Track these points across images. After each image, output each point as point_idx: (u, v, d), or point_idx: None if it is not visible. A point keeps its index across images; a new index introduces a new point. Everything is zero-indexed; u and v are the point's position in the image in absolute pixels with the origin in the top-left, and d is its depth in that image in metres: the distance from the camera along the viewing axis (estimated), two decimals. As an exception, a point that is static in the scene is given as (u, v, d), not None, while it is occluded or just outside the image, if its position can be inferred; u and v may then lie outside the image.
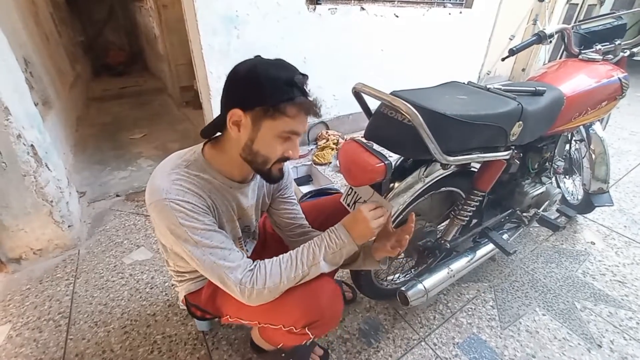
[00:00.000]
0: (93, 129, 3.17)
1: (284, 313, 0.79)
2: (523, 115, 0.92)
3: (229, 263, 0.72)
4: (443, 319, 1.31)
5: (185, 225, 0.68)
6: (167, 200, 0.67)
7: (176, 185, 0.70)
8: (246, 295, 0.72)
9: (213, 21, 1.98)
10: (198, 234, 0.69)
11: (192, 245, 0.70)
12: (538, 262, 1.60)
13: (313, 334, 0.80)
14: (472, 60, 3.70)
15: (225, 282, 0.72)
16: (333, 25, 2.47)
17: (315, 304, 0.78)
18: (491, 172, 1.04)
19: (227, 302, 0.89)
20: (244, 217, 0.90)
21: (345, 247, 0.78)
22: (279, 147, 0.71)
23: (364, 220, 0.78)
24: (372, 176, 0.79)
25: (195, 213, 0.70)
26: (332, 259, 0.78)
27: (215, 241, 0.72)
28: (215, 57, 2.06)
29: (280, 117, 0.66)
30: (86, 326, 1.26)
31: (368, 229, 0.78)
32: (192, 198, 0.70)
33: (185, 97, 3.64)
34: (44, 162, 1.48)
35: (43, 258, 1.56)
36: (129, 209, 1.99)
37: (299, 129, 0.70)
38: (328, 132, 2.77)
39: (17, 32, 2.03)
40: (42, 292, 1.40)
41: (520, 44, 1.25)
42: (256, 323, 0.86)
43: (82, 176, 2.33)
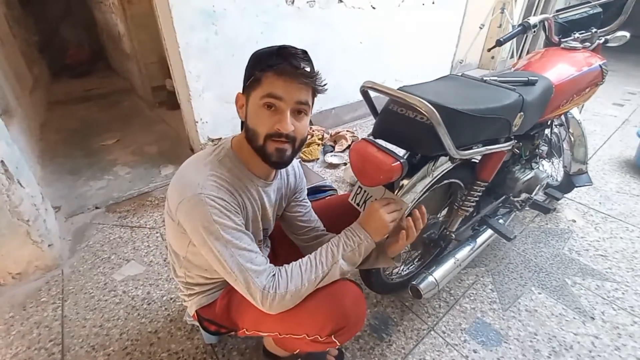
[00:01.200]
0: (59, 136, 2.94)
1: (307, 322, 0.77)
2: (524, 105, 0.95)
3: (255, 267, 0.70)
4: (448, 306, 1.35)
5: (218, 222, 0.66)
6: (202, 195, 0.65)
7: (210, 180, 0.68)
8: (268, 302, 0.70)
9: (189, 17, 1.88)
10: (229, 233, 0.68)
11: (222, 245, 0.67)
12: (528, 243, 1.68)
13: (339, 341, 0.78)
14: (445, 49, 3.78)
15: (249, 286, 0.69)
16: (312, 19, 2.42)
17: (339, 309, 0.76)
18: (493, 163, 1.07)
19: (244, 314, 0.86)
20: (265, 218, 0.88)
21: (363, 244, 0.78)
22: (264, 118, 0.68)
23: (379, 216, 0.78)
24: (388, 175, 0.79)
25: (228, 211, 0.68)
26: (351, 257, 0.78)
27: (244, 242, 0.70)
28: (194, 54, 1.96)
29: (259, 84, 0.66)
30: (83, 352, 1.18)
31: (383, 223, 0.78)
32: (225, 195, 0.69)
33: (158, 97, 3.46)
34: (16, 179, 1.35)
35: (23, 282, 1.44)
36: (111, 222, 1.87)
37: (277, 92, 0.65)
38: (312, 128, 2.74)
39: (-35, 34, 1.83)
40: (28, 319, 1.29)
41: (507, 35, 1.28)
42: (277, 334, 0.83)
43: (54, 188, 2.16)
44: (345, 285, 0.80)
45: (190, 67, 1.99)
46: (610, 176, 2.27)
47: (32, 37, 3.79)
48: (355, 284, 0.83)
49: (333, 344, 0.79)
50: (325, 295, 0.76)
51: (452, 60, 4.02)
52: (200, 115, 2.14)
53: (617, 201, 1.99)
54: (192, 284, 0.90)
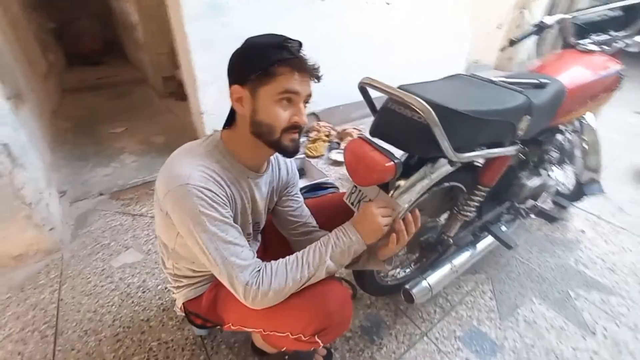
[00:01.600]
0: (70, 123, 3.00)
1: (292, 320, 0.76)
2: (531, 108, 0.90)
3: (240, 261, 0.69)
4: (443, 312, 1.31)
5: (204, 214, 0.65)
6: (189, 186, 0.64)
7: (198, 171, 0.67)
8: (250, 297, 0.69)
9: (197, 8, 1.87)
10: (215, 225, 0.66)
11: (207, 237, 0.66)
12: (532, 252, 1.62)
13: (322, 342, 0.77)
14: (458, 50, 3.69)
15: (232, 281, 0.68)
16: (323, 12, 2.39)
17: (324, 310, 0.75)
18: (497, 168, 1.03)
19: (230, 310, 0.86)
20: (256, 211, 0.86)
21: (354, 246, 0.76)
22: (281, 113, 0.68)
23: (373, 219, 0.76)
24: (381, 176, 0.76)
25: (215, 202, 0.67)
26: (340, 258, 0.75)
27: (230, 236, 0.68)
28: (201, 46, 1.95)
29: (273, 79, 0.65)
30: (75, 335, 1.19)
31: (377, 227, 0.76)
32: (213, 186, 0.68)
33: (168, 88, 3.48)
34: (20, 162, 1.37)
35: (23, 264, 1.47)
36: (114, 209, 1.90)
37: (294, 88, 0.66)
38: (319, 124, 2.71)
39: (-21, 18, 1.86)
40: (25, 301, 1.32)
41: (521, 35, 1.23)
42: (261, 331, 0.82)
43: (62, 174, 2.20)
44: (331, 286, 0.78)
45: (197, 59, 1.98)
46: (625, 186, 2.19)
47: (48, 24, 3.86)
48: (341, 285, 0.82)
49: (316, 344, 0.77)
50: (311, 295, 0.75)
51: (466, 60, 3.92)
52: (205, 107, 2.14)
53: (631, 213, 1.91)
54: (180, 276, 0.89)
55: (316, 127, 2.65)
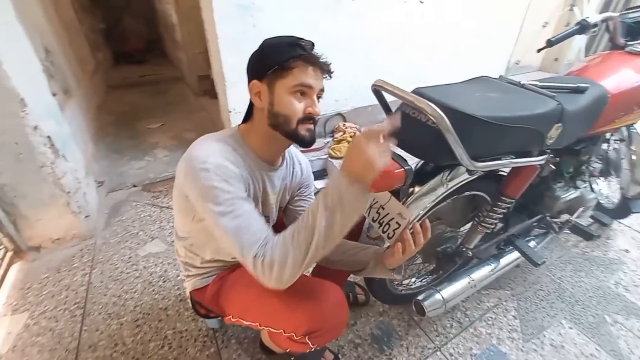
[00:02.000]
0: (112, 118, 3.21)
1: (286, 318, 0.77)
2: (563, 116, 0.83)
3: (250, 235, 0.68)
4: (461, 327, 1.25)
5: (218, 187, 0.67)
6: (206, 164, 0.68)
7: (216, 152, 0.71)
8: (259, 271, 0.65)
9: (229, 9, 1.92)
10: (229, 200, 0.68)
11: (220, 209, 0.67)
12: (566, 271, 1.50)
13: (313, 344, 0.77)
14: (500, 49, 3.49)
15: (243, 253, 0.67)
16: (353, 12, 2.35)
17: (317, 312, 0.75)
18: (522, 178, 0.96)
19: (230, 302, 0.89)
20: (267, 204, 0.87)
21: (346, 193, 0.60)
22: (297, 104, 0.71)
23: (357, 152, 0.59)
24: (390, 183, 0.73)
25: (230, 178, 0.69)
26: (335, 211, 0.61)
27: (243, 210, 0.69)
28: (231, 46, 2.00)
29: (288, 73, 0.69)
30: (100, 318, 1.27)
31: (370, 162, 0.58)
32: (229, 165, 0.70)
33: (202, 86, 3.62)
34: (62, 153, 1.49)
35: (61, 247, 1.59)
36: (145, 200, 2.00)
37: (308, 81, 0.70)
38: (345, 125, 2.69)
39: (37, 21, 2.04)
40: (60, 282, 1.43)
41: (560, 34, 1.14)
42: (257, 325, 0.84)
43: (101, 165, 2.36)
44: (328, 288, 0.78)
45: (227, 58, 2.04)
46: (683, 204, 1.95)
47: (98, 25, 4.16)
48: (339, 289, 0.80)
49: (306, 346, 0.77)
50: (307, 295, 0.76)
51: (508, 61, 3.71)
52: (233, 105, 2.20)
53: (687, 234, 1.71)
54: (190, 264, 0.93)
55: (342, 128, 2.63)
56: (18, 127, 1.26)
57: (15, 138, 1.28)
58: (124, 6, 4.80)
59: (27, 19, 1.60)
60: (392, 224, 0.84)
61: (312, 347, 0.78)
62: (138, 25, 4.92)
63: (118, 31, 4.77)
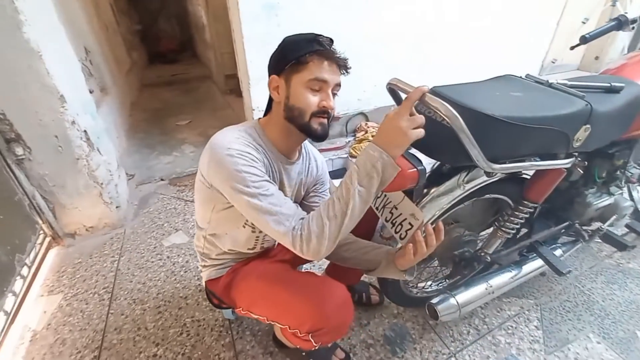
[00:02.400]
0: (145, 114, 3.38)
1: (291, 314, 0.79)
2: (592, 117, 0.78)
3: (285, 210, 0.71)
4: (478, 334, 1.21)
5: (245, 171, 0.70)
6: (230, 150, 0.71)
7: (237, 139, 0.74)
8: (298, 244, 0.68)
9: (254, 9, 1.96)
10: (256, 182, 0.71)
11: (250, 191, 0.70)
12: (597, 282, 1.41)
13: (316, 342, 0.79)
14: (535, 47, 3.32)
15: (278, 231, 0.70)
16: (379, 11, 2.33)
17: (321, 310, 0.76)
18: (546, 182, 0.91)
19: (241, 295, 0.91)
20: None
21: (379, 161, 0.64)
22: (311, 98, 0.73)
23: (392, 124, 0.64)
24: (403, 182, 0.72)
25: (255, 162, 0.72)
26: (369, 181, 0.65)
27: (271, 190, 0.73)
28: (255, 45, 2.05)
29: (304, 67, 0.71)
30: (125, 303, 1.35)
31: (399, 131, 0.63)
32: (252, 151, 0.74)
33: (229, 85, 3.72)
34: (96, 147, 1.59)
35: (94, 235, 1.70)
36: (171, 193, 2.09)
37: (323, 75, 0.71)
38: (367, 124, 2.67)
39: (78, 22, 2.18)
40: (91, 267, 1.53)
41: (595, 30, 1.07)
42: (264, 319, 0.86)
43: (132, 159, 2.50)
44: (334, 288, 0.79)
45: (251, 57, 2.08)
46: None
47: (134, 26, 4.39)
48: (345, 289, 0.80)
49: (309, 344, 0.79)
50: (313, 294, 0.77)
51: (542, 60, 3.52)
52: (257, 104, 2.24)
53: None
54: (207, 255, 0.97)
55: (363, 127, 2.61)
56: (58, 121, 1.36)
57: (55, 131, 1.38)
58: (159, 8, 5.03)
59: (69, 20, 1.72)
60: (404, 224, 0.83)
61: (315, 345, 0.79)
62: (171, 27, 5.15)
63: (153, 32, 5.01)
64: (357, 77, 2.54)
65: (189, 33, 5.24)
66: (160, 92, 4.06)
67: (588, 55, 3.84)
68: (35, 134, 1.35)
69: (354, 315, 1.26)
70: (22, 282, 1.36)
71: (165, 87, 4.21)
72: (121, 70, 3.20)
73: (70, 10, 2.09)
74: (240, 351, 1.16)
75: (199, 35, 4.46)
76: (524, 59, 3.29)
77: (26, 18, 1.19)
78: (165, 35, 5.04)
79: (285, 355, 1.14)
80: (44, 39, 1.27)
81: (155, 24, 5.01)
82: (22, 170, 1.40)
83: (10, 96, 1.26)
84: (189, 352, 1.16)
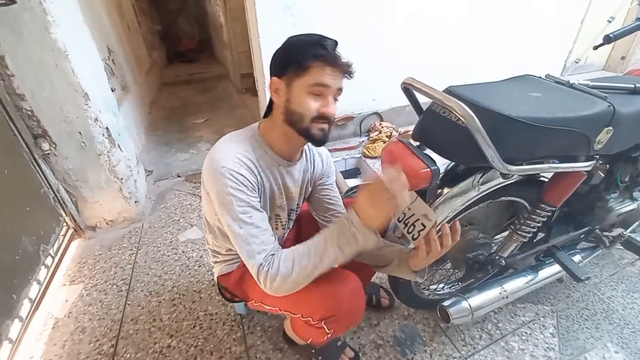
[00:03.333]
0: (163, 112, 3.46)
1: (303, 302, 0.81)
2: (614, 119, 0.76)
3: (258, 243, 0.73)
4: (491, 339, 1.19)
5: (232, 194, 0.72)
6: (223, 169, 0.72)
7: (234, 157, 0.74)
8: (262, 279, 0.71)
9: (271, 9, 1.98)
10: (241, 207, 0.72)
11: (232, 216, 0.72)
12: (617, 290, 1.36)
13: (329, 329, 0.80)
14: (557, 46, 3.22)
15: (249, 260, 0.73)
16: (395, 10, 2.31)
17: (333, 297, 0.78)
18: (565, 185, 0.89)
19: (253, 287, 0.92)
20: (290, 197, 0.91)
21: (359, 232, 0.67)
22: (312, 104, 0.72)
23: (372, 200, 0.66)
24: (416, 182, 0.72)
25: (244, 186, 0.73)
26: (346, 245, 0.69)
27: (253, 218, 0.74)
28: (271, 45, 2.03)
29: (306, 72, 0.70)
30: (142, 294, 1.39)
31: (381, 208, 0.65)
32: (245, 172, 0.74)
33: (244, 84, 3.77)
34: (117, 143, 1.65)
35: (114, 228, 1.76)
36: (187, 190, 2.14)
37: (325, 81, 0.70)
38: (381, 124, 2.65)
39: (102, 23, 2.26)
40: (110, 259, 1.58)
41: (620, 30, 1.03)
42: (277, 310, 0.88)
43: (151, 156, 2.56)
44: (345, 276, 0.80)
45: (267, 56, 2.09)
46: None
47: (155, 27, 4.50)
48: (356, 278, 0.81)
49: (322, 331, 0.80)
50: (324, 281, 0.77)
51: (565, 60, 3.41)
52: (272, 103, 2.27)
53: None
54: (217, 252, 0.99)
55: (377, 127, 2.60)
56: (82, 118, 1.42)
57: (79, 128, 1.44)
58: (179, 9, 5.15)
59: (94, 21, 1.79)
60: (417, 225, 0.83)
61: (328, 333, 0.80)
62: (190, 27, 5.26)
63: (172, 32, 5.13)
64: (372, 77, 2.54)
65: (207, 33, 5.34)
66: (178, 90, 4.15)
67: (614, 55, 3.70)
68: (60, 130, 1.41)
69: (364, 315, 1.26)
70: (46, 271, 1.42)
71: (183, 86, 4.31)
72: (141, 69, 3.29)
73: (94, 11, 2.17)
74: (250, 346, 1.18)
75: (216, 35, 4.54)
76: (546, 59, 3.19)
77: (54, 19, 1.24)
78: (185, 35, 5.16)
79: (294, 352, 1.15)
80: (70, 39, 1.33)
81: (174, 24, 5.13)
82: (48, 164, 1.47)
83: (38, 94, 1.32)
84: (201, 345, 1.18)
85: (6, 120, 1.28)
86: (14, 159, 1.31)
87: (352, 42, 2.34)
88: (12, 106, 1.30)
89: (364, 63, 2.52)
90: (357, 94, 2.55)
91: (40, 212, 1.44)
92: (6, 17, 1.17)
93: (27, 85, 1.29)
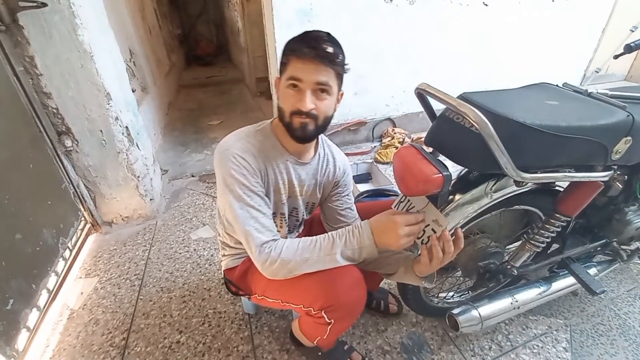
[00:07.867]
0: (180, 114, 3.54)
1: (303, 293, 0.82)
2: (633, 129, 0.74)
3: (259, 225, 0.76)
4: (500, 351, 1.16)
5: (235, 177, 0.75)
6: (228, 152, 0.76)
7: (240, 143, 0.78)
8: (262, 259, 0.75)
9: (288, 15, 2.02)
10: (243, 190, 0.75)
11: (235, 197, 0.75)
12: (635, 306, 1.31)
13: (330, 318, 0.81)
14: (577, 56, 3.16)
15: (249, 240, 0.76)
16: (410, 17, 2.32)
17: (331, 287, 0.79)
18: (581, 195, 0.87)
19: (256, 281, 0.95)
20: (293, 195, 0.91)
21: (366, 249, 0.76)
22: (290, 99, 0.74)
23: (394, 231, 0.72)
24: (427, 187, 0.72)
25: (247, 170, 0.76)
26: (350, 255, 0.77)
27: (255, 202, 0.77)
28: (288, 50, 2.10)
29: (285, 68, 0.73)
30: (154, 290, 1.42)
31: (395, 240, 0.72)
32: (249, 157, 0.77)
33: (259, 88, 3.83)
34: (136, 142, 1.70)
35: (129, 224, 1.81)
36: (200, 189, 2.18)
37: (296, 74, 0.71)
38: (394, 130, 2.65)
39: (125, 26, 2.34)
40: (125, 254, 1.62)
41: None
42: (279, 302, 0.90)
43: (167, 155, 2.63)
44: (345, 267, 0.80)
45: (283, 61, 2.14)
46: None
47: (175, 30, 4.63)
48: (356, 269, 0.82)
49: (323, 321, 0.82)
50: (324, 272, 0.79)
51: (585, 69, 3.34)
52: (286, 106, 2.30)
53: None
54: (226, 244, 1.01)
55: (390, 133, 2.60)
56: (104, 117, 1.47)
57: (101, 126, 1.49)
58: (198, 14, 5.28)
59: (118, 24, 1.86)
60: (427, 230, 0.82)
61: (329, 322, 0.82)
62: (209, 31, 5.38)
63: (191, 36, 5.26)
64: (386, 83, 2.55)
65: (225, 37, 5.45)
66: (195, 93, 4.25)
67: (636, 65, 3.60)
68: (83, 127, 1.47)
69: (372, 320, 1.26)
70: (64, 263, 1.47)
71: (200, 88, 4.40)
72: (161, 71, 3.39)
73: (119, 15, 2.25)
74: (257, 345, 1.19)
75: (234, 40, 4.64)
76: (565, 67, 3.14)
77: (81, 22, 1.30)
78: (203, 39, 5.29)
79: (301, 353, 1.15)
80: (96, 41, 1.38)
81: (194, 28, 5.27)
82: (70, 160, 1.52)
83: (64, 93, 1.38)
84: (209, 342, 1.20)
85: (33, 117, 1.34)
86: (39, 155, 1.37)
87: (367, 47, 2.36)
88: (39, 104, 1.36)
89: (378, 68, 2.55)
90: (370, 99, 2.56)
91: (61, 206, 1.50)
92: (37, 19, 1.23)
93: (54, 84, 1.35)
